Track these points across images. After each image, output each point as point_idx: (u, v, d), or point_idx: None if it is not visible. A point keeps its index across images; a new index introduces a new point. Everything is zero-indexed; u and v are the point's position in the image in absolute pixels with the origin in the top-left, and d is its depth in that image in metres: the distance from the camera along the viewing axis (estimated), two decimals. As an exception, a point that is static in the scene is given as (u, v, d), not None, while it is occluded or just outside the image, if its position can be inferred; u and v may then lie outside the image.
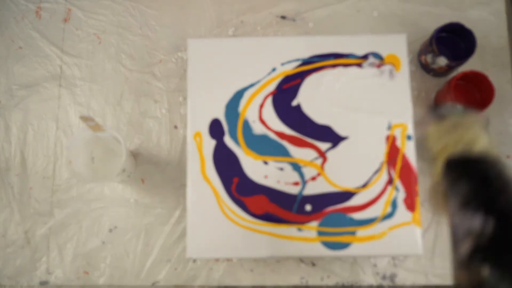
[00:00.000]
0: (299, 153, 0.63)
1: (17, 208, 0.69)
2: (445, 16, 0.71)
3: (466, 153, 0.37)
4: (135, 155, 0.70)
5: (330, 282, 0.65)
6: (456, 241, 0.31)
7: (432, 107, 0.45)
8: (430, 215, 0.67)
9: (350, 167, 0.63)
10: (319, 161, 0.63)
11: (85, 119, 0.57)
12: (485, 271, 0.27)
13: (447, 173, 0.38)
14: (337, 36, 0.66)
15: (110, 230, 0.68)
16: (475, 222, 0.30)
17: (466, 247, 0.30)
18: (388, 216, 0.61)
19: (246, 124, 0.64)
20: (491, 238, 0.29)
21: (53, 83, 0.73)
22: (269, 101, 0.65)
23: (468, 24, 0.65)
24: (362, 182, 0.62)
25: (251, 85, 0.65)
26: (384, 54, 0.65)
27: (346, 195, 0.62)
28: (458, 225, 0.32)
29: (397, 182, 0.61)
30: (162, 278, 0.66)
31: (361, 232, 0.61)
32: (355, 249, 0.61)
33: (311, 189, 0.62)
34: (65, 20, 0.75)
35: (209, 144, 0.64)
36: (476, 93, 0.66)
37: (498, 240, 0.29)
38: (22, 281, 0.67)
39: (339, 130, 0.64)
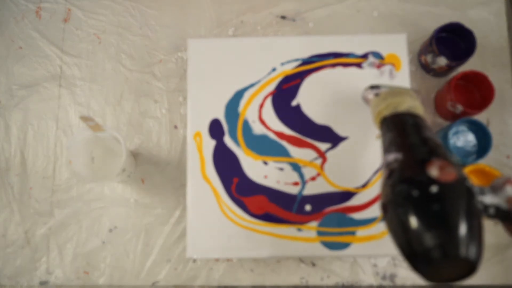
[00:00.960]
0: (298, 153, 0.63)
1: (17, 208, 0.69)
2: (445, 16, 0.71)
3: (392, 113, 0.48)
4: (135, 155, 0.70)
5: (330, 282, 0.65)
6: (382, 173, 0.42)
7: (370, 86, 0.58)
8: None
9: (350, 167, 0.63)
10: (319, 161, 0.63)
11: (85, 119, 0.57)
12: (396, 186, 0.38)
13: (381, 130, 0.49)
14: (337, 36, 0.66)
15: (110, 230, 0.68)
16: (391, 157, 0.42)
17: (385, 173, 0.41)
18: (388, 216, 0.61)
19: (246, 124, 0.64)
20: (399, 165, 0.40)
21: (53, 83, 0.73)
22: (268, 101, 0.65)
23: (468, 24, 0.65)
24: (362, 182, 0.62)
25: (251, 85, 0.65)
26: (384, 54, 0.65)
27: (346, 195, 0.62)
28: (383, 162, 0.43)
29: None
30: (162, 278, 0.66)
31: (361, 232, 0.61)
32: (355, 249, 0.61)
33: (311, 189, 0.62)
34: (65, 20, 0.75)
35: (209, 144, 0.64)
36: (476, 93, 0.66)
37: (402, 166, 0.40)
38: (22, 281, 0.67)
39: (339, 130, 0.64)
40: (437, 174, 0.36)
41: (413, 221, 0.35)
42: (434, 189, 0.35)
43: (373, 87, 0.56)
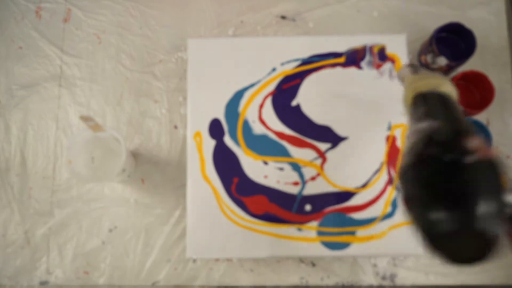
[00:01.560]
0: (298, 153, 0.63)
1: (17, 208, 0.69)
2: (445, 16, 0.71)
3: (430, 90, 0.45)
4: (135, 155, 0.70)
5: (330, 282, 0.65)
6: (407, 140, 0.40)
7: (410, 64, 0.55)
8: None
9: (350, 167, 0.63)
10: (319, 161, 0.63)
11: (85, 119, 0.57)
12: (428, 147, 0.35)
13: (413, 105, 0.45)
14: (337, 36, 0.66)
15: (110, 230, 0.68)
16: (424, 124, 0.39)
17: (412, 139, 0.38)
18: (388, 216, 0.61)
19: (246, 124, 0.64)
20: (434, 130, 0.37)
21: (53, 83, 0.73)
22: (268, 101, 0.65)
23: (468, 24, 0.65)
24: (362, 182, 0.62)
25: (251, 85, 0.65)
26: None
27: (346, 195, 0.62)
28: (410, 130, 0.41)
29: (398, 182, 0.61)
30: (162, 278, 0.66)
31: (361, 232, 0.61)
32: (355, 249, 0.61)
33: (311, 189, 0.62)
34: (65, 20, 0.75)
35: (209, 144, 0.64)
36: (476, 93, 0.66)
37: (438, 131, 0.37)
38: (22, 281, 0.67)
39: (339, 130, 0.64)
40: (477, 147, 0.33)
41: (437, 186, 0.32)
42: (469, 159, 0.32)
43: (412, 65, 0.54)
